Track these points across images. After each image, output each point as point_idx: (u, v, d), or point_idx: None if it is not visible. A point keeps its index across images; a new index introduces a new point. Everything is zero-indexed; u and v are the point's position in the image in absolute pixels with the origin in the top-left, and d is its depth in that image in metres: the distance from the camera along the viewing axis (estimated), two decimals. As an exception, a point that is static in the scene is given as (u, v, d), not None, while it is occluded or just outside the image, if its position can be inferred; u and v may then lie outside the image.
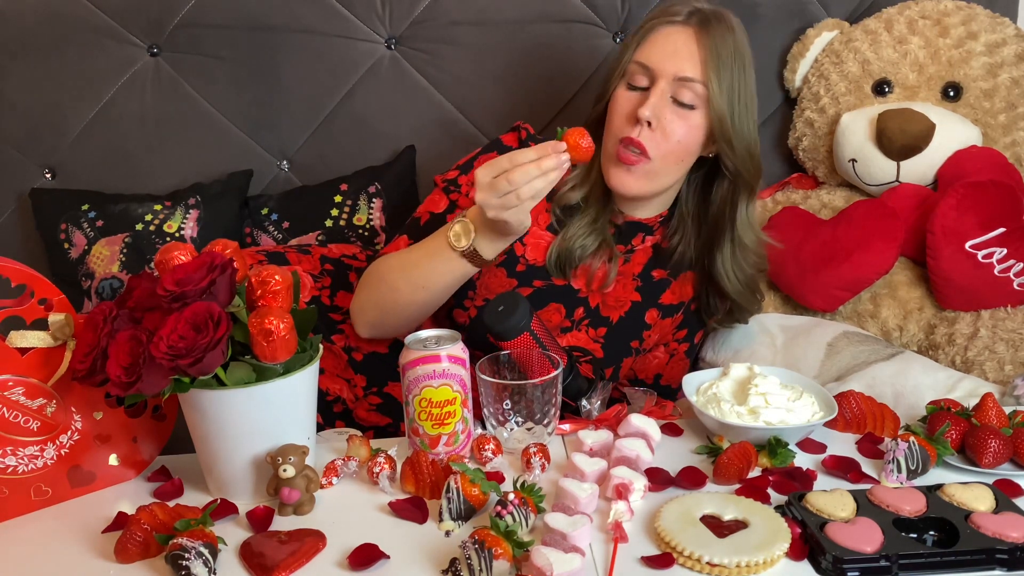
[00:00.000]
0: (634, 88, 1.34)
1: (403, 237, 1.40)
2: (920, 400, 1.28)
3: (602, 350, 1.44)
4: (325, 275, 1.48)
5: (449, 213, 1.39)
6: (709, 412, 1.17)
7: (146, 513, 0.98)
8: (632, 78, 1.34)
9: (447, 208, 1.39)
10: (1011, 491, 1.05)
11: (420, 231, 1.38)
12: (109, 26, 1.83)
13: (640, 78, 1.33)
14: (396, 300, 1.30)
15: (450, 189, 1.40)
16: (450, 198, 1.40)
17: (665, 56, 1.32)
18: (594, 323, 1.43)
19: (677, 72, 1.31)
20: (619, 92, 1.35)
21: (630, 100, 1.34)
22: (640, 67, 1.33)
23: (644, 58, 1.33)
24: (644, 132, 1.31)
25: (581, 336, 1.43)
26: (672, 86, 1.31)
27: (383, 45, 1.86)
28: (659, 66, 1.32)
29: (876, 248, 1.56)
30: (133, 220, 1.75)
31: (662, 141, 1.32)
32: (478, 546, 0.88)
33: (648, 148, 1.31)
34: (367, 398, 1.43)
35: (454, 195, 1.40)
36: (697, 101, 1.32)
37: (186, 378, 0.99)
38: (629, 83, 1.34)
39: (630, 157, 1.33)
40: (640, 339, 1.47)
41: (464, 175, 1.41)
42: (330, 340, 1.41)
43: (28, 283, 1.08)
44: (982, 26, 1.68)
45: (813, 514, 0.98)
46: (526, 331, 1.20)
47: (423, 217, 1.40)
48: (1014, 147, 1.68)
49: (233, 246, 1.08)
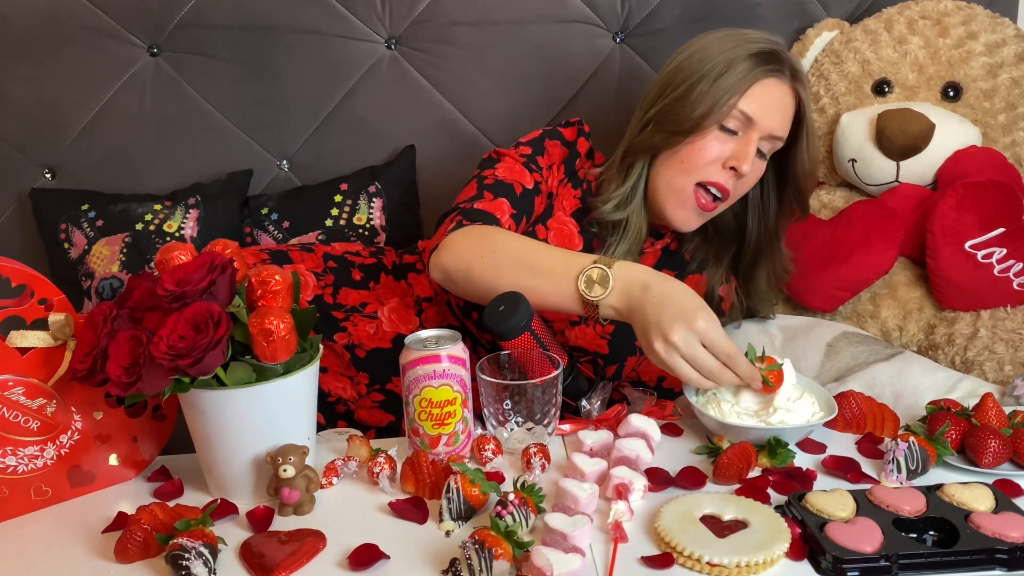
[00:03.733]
0: (726, 130, 1.33)
1: (503, 201, 1.34)
2: (920, 400, 1.28)
3: (608, 347, 1.44)
4: (328, 272, 1.47)
5: (536, 195, 1.39)
6: (709, 412, 1.17)
7: (146, 513, 0.98)
8: (728, 122, 1.33)
9: (534, 188, 1.39)
10: (1011, 491, 1.05)
11: (519, 203, 1.36)
12: (109, 26, 1.83)
13: (735, 123, 1.33)
14: (493, 280, 1.21)
15: (532, 168, 1.40)
16: (534, 177, 1.40)
17: (768, 111, 1.33)
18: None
19: (773, 130, 1.34)
20: (713, 133, 1.33)
21: (724, 144, 1.33)
22: (742, 115, 1.32)
23: (751, 110, 1.32)
24: (731, 179, 1.34)
25: (588, 332, 1.43)
26: (761, 140, 1.34)
27: (383, 45, 1.86)
28: (762, 120, 1.33)
29: (876, 248, 1.56)
30: (133, 220, 1.75)
31: (739, 188, 1.36)
32: (478, 546, 0.88)
33: (732, 192, 1.35)
34: (370, 395, 1.43)
35: (536, 176, 1.40)
36: (770, 152, 1.37)
37: (186, 378, 0.99)
38: (723, 125, 1.33)
39: (709, 203, 1.35)
40: None
41: (540, 156, 1.41)
42: (332, 339, 1.41)
43: (28, 283, 1.08)
44: (982, 26, 1.68)
45: (813, 514, 0.98)
46: (526, 331, 1.20)
47: (516, 187, 1.37)
48: (1014, 147, 1.68)
49: (233, 246, 1.08)
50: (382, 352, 1.42)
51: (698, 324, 1.08)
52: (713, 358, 1.10)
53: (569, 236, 1.42)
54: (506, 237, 1.27)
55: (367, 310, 1.45)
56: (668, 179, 1.36)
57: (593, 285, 1.16)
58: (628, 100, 1.81)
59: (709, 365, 1.09)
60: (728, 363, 1.10)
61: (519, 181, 1.38)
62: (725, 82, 1.31)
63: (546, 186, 1.41)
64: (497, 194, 1.35)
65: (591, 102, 1.85)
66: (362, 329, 1.43)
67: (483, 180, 1.38)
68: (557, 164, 1.45)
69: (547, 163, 1.42)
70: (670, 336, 1.08)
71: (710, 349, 1.09)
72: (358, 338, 1.42)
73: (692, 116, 1.32)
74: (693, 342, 1.09)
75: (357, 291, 1.46)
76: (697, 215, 1.38)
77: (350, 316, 1.43)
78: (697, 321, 1.08)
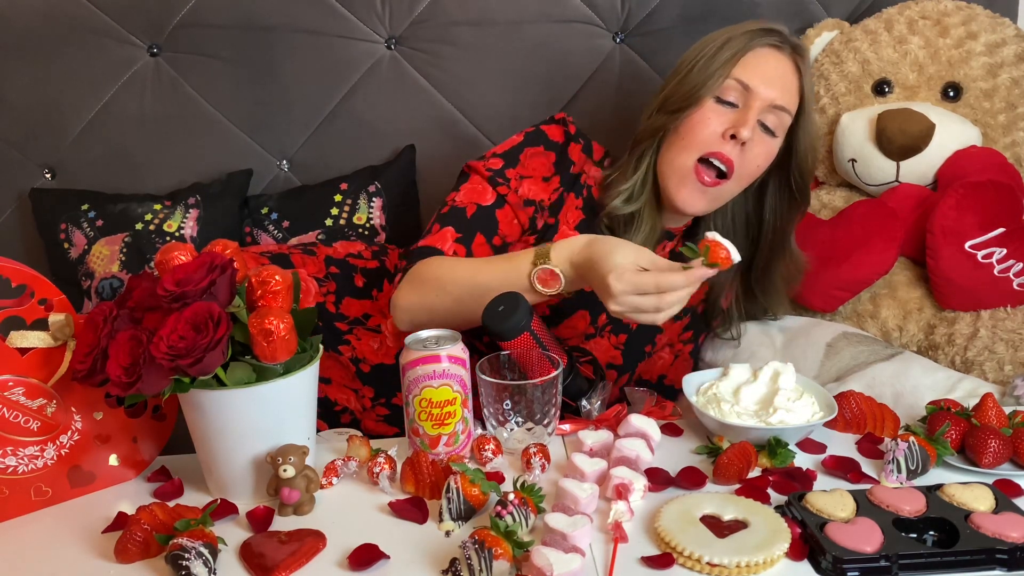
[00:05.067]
0: (723, 103, 1.31)
1: (449, 229, 1.33)
2: (920, 400, 1.28)
3: (622, 357, 1.44)
4: (330, 279, 1.45)
5: (498, 208, 1.35)
6: (709, 412, 1.17)
7: (146, 513, 0.98)
8: (724, 92, 1.30)
9: (495, 202, 1.35)
10: (1011, 491, 1.05)
11: (468, 224, 1.33)
12: (109, 26, 1.83)
13: (733, 94, 1.30)
14: (457, 311, 1.24)
15: (497, 181, 1.36)
16: (498, 191, 1.35)
17: (767, 80, 1.30)
18: (615, 330, 1.43)
19: (774, 99, 1.30)
20: (708, 104, 1.31)
21: (723, 115, 1.30)
22: (739, 85, 1.30)
23: (746, 77, 1.29)
24: (734, 150, 1.29)
25: (603, 343, 1.43)
26: (763, 111, 1.30)
27: (383, 45, 1.86)
28: (759, 88, 1.29)
29: (876, 248, 1.56)
30: (133, 220, 1.75)
31: (745, 163, 1.31)
32: (478, 546, 0.88)
33: (736, 166, 1.29)
34: (375, 409, 1.43)
35: (502, 188, 1.35)
36: (779, 130, 1.32)
37: (186, 378, 0.99)
38: (719, 97, 1.31)
39: (712, 179, 1.31)
40: (653, 343, 1.47)
41: (511, 168, 1.37)
42: (337, 351, 1.40)
43: (28, 283, 1.08)
44: (982, 26, 1.68)
45: (813, 514, 0.98)
46: (526, 331, 1.20)
47: (468, 209, 1.35)
48: (1014, 147, 1.68)
49: (233, 246, 1.08)
50: (386, 368, 1.40)
51: (616, 289, 1.08)
52: (651, 300, 1.09)
53: None
54: (452, 267, 1.28)
55: (370, 323, 1.44)
56: (671, 159, 1.33)
57: (548, 283, 1.19)
58: (628, 100, 1.81)
59: (649, 309, 1.09)
60: (665, 290, 1.08)
61: (475, 201, 1.35)
62: (721, 55, 1.30)
63: (516, 196, 1.36)
64: (444, 223, 1.34)
65: (591, 102, 1.85)
66: (366, 344, 1.42)
67: (440, 210, 1.37)
68: (546, 175, 1.40)
69: (518, 174, 1.37)
70: (610, 308, 1.11)
71: (642, 292, 1.08)
72: (362, 352, 1.41)
73: (689, 91, 1.31)
74: (627, 302, 1.09)
75: (360, 301, 1.45)
76: (700, 193, 1.32)
77: (353, 329, 1.42)
78: (614, 288, 1.08)
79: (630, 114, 1.45)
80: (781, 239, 1.45)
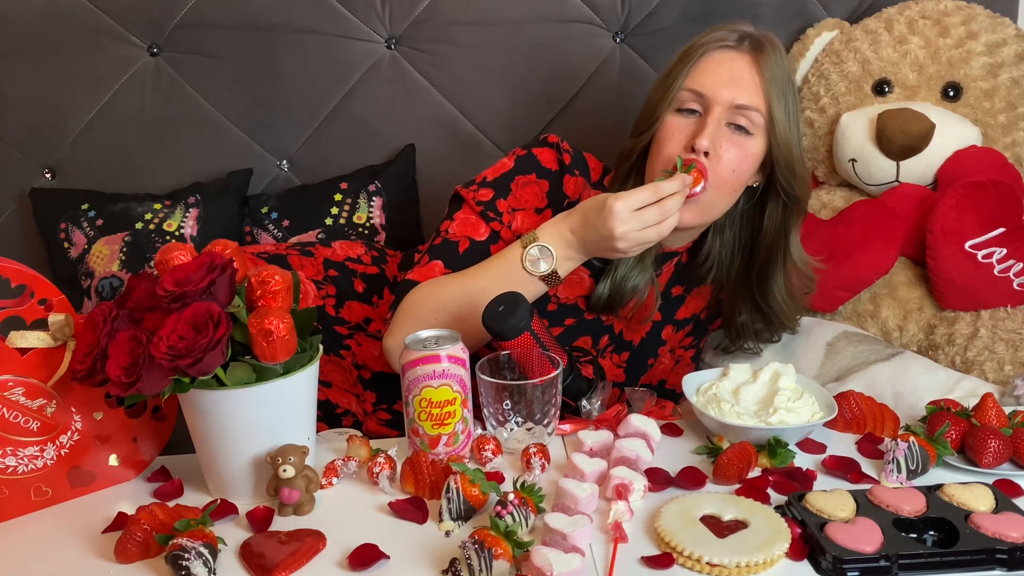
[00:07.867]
0: (684, 113, 1.28)
1: (437, 263, 1.31)
2: (920, 400, 1.28)
3: (624, 374, 1.44)
4: (329, 282, 1.44)
5: (492, 244, 1.32)
6: (709, 412, 1.17)
7: (146, 513, 0.98)
8: (681, 103, 1.28)
9: (489, 238, 1.32)
10: (1011, 491, 1.05)
11: (459, 260, 1.30)
12: (109, 26, 1.83)
13: (692, 104, 1.28)
14: (463, 327, 1.20)
15: (489, 216, 1.32)
16: (491, 227, 1.32)
17: (720, 83, 1.27)
18: (618, 348, 1.43)
19: (734, 100, 1.26)
20: (669, 119, 1.29)
21: (683, 127, 1.28)
22: (693, 94, 1.27)
23: (698, 85, 1.27)
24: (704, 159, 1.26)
25: (606, 364, 1.43)
26: (728, 113, 1.26)
27: (383, 45, 1.86)
28: (714, 93, 1.26)
29: (876, 248, 1.56)
30: (133, 219, 1.75)
31: (719, 169, 1.26)
32: (478, 546, 0.88)
33: (710, 175, 1.26)
34: (376, 414, 1.43)
35: (495, 224, 1.32)
36: (755, 128, 1.28)
37: (186, 378, 0.99)
38: (679, 108, 1.28)
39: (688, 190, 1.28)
40: (656, 356, 1.47)
41: (503, 199, 1.33)
42: (339, 355, 1.40)
43: (28, 283, 1.08)
44: (982, 26, 1.68)
45: (813, 514, 0.98)
46: (526, 331, 1.20)
47: (461, 244, 1.32)
48: (1014, 147, 1.68)
49: (233, 246, 1.08)
50: (388, 375, 1.39)
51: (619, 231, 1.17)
52: (654, 217, 1.17)
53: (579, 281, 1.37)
54: (443, 284, 1.27)
55: (371, 328, 1.43)
56: (650, 178, 1.30)
57: (538, 262, 1.23)
58: (628, 100, 1.81)
59: (653, 222, 1.18)
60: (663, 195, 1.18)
61: (468, 236, 1.32)
62: (675, 69, 1.30)
63: (509, 231, 1.33)
64: (434, 256, 1.32)
65: (591, 102, 1.85)
66: (367, 350, 1.42)
67: (434, 240, 1.35)
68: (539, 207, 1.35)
69: (509, 206, 1.34)
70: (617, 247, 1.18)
71: (641, 208, 1.17)
72: (363, 359, 1.41)
73: (650, 110, 1.31)
74: (633, 237, 1.17)
75: (361, 305, 1.44)
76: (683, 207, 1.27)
77: (354, 334, 1.42)
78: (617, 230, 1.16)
79: (630, 114, 1.44)
80: (779, 246, 1.38)
